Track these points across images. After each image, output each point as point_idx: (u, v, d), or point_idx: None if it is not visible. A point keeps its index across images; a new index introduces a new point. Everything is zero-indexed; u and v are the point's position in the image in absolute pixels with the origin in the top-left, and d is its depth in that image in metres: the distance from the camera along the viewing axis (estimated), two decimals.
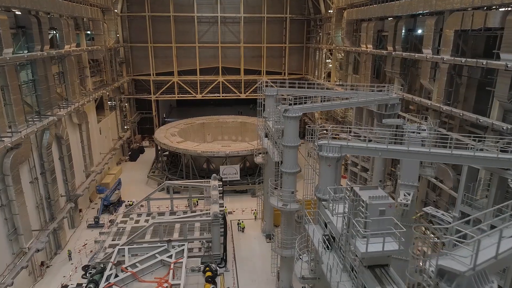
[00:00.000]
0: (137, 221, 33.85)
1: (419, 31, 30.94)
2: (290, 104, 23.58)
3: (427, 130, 22.85)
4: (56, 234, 31.34)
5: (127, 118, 57.73)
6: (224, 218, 30.00)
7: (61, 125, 32.42)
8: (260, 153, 33.65)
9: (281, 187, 24.32)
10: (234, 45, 60.22)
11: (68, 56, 34.33)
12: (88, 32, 43.68)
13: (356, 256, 12.33)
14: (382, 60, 37.71)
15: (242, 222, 36.24)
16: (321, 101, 28.21)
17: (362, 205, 11.28)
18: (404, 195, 22.28)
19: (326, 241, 14.42)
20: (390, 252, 11.35)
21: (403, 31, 31.26)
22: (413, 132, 22.74)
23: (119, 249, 26.38)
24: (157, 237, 28.68)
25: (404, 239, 11.69)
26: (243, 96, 61.88)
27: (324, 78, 55.71)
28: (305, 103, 25.38)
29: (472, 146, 15.31)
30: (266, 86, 31.00)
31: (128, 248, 26.53)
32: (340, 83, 48.89)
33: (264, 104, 31.09)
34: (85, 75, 41.86)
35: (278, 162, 24.48)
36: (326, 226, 14.92)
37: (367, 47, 38.11)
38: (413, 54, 29.16)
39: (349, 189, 12.34)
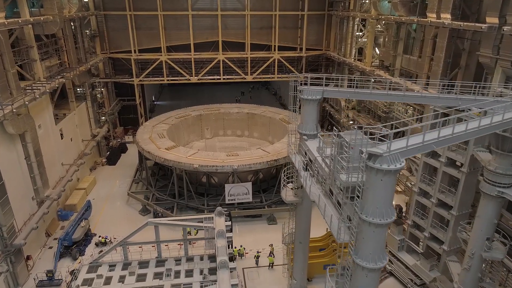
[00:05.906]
0: (108, 280, 23.49)
1: None
2: (375, 138, 11.98)
3: None
4: None
5: (104, 109, 45.47)
6: None
7: None
8: (290, 181, 22.07)
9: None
10: (238, 13, 47.37)
11: None
12: None
13: None
14: (466, 37, 25.79)
15: (271, 256, 26.75)
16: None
17: None
18: None
19: None
20: None
21: None
22: None
23: None
24: None
25: None
26: (249, 78, 49.51)
27: (354, 56, 43.38)
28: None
29: None
30: (303, 83, 19.08)
31: None
32: (383, 66, 36.87)
33: (296, 106, 19.37)
34: (31, 59, 29.49)
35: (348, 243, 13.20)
36: None
37: (440, 17, 25.97)
38: None
39: None
